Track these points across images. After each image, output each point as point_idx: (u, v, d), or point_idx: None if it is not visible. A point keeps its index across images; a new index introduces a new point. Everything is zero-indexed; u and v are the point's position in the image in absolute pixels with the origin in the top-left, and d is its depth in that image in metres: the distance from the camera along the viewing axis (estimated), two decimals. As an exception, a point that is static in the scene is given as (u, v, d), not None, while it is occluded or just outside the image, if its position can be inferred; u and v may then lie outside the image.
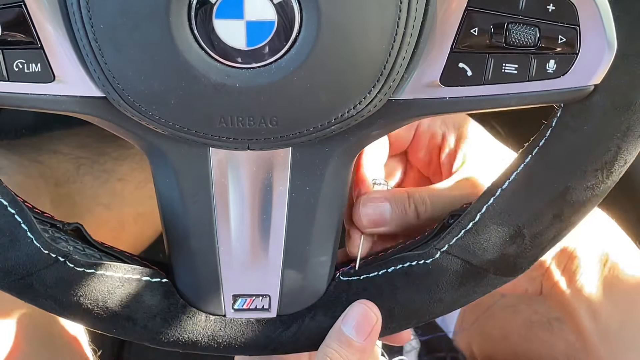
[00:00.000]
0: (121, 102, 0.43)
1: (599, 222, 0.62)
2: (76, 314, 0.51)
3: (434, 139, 0.61)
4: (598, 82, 0.45)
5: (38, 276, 0.49)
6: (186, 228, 0.50)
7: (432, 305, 0.51)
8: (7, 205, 0.48)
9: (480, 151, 0.60)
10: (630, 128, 0.45)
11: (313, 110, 0.43)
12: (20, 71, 0.43)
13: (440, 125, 0.61)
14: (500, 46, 0.43)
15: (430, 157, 0.62)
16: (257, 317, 0.53)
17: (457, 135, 0.60)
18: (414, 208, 0.55)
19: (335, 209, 0.50)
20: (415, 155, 0.63)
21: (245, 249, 0.50)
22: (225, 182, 0.48)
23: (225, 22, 0.40)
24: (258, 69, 0.41)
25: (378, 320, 0.51)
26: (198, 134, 0.44)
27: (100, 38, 0.41)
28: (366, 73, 0.42)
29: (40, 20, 0.42)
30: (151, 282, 0.52)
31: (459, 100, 0.45)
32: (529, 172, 0.48)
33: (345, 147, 0.48)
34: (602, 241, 0.62)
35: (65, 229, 0.52)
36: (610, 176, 0.47)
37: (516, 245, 0.49)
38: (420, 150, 0.62)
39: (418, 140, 0.61)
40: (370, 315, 0.51)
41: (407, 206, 0.55)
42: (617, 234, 0.63)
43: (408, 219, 0.55)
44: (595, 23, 0.43)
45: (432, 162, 0.62)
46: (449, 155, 0.60)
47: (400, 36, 0.42)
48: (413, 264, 0.51)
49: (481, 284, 0.51)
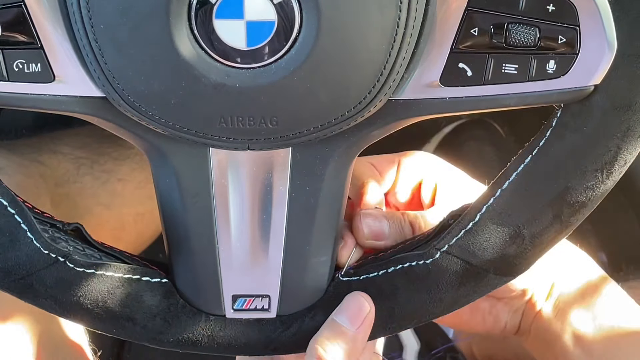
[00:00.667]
0: (121, 102, 0.43)
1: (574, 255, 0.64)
2: (76, 314, 0.51)
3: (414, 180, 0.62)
4: (598, 83, 0.45)
5: (38, 276, 0.49)
6: (186, 228, 0.50)
7: (432, 306, 0.51)
8: (7, 205, 0.48)
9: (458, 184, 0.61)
10: (630, 128, 0.45)
11: (313, 110, 0.43)
12: (20, 71, 0.43)
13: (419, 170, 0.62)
14: (500, 46, 0.43)
15: (412, 196, 0.63)
16: (257, 317, 0.53)
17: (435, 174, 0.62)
18: (409, 225, 0.57)
19: (335, 209, 0.50)
20: (395, 197, 0.63)
21: (245, 249, 0.50)
22: (225, 182, 0.48)
23: (225, 22, 0.40)
24: (258, 69, 0.41)
25: (371, 311, 0.52)
26: (198, 134, 0.44)
27: (100, 38, 0.41)
28: (366, 73, 0.42)
29: (40, 20, 0.42)
30: (151, 282, 0.52)
31: (459, 100, 0.45)
32: (529, 173, 0.48)
33: (346, 147, 0.48)
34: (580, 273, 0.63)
35: (65, 229, 0.52)
36: (610, 176, 0.47)
37: (516, 245, 0.49)
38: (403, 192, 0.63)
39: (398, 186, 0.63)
40: (363, 305, 0.52)
41: (403, 223, 0.57)
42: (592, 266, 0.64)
43: (404, 236, 0.57)
44: (595, 23, 0.43)
45: (414, 199, 0.63)
46: (432, 191, 0.61)
47: (400, 36, 0.42)
48: (413, 264, 0.51)
49: (481, 284, 0.51)
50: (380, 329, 0.53)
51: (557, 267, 0.62)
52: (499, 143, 1.02)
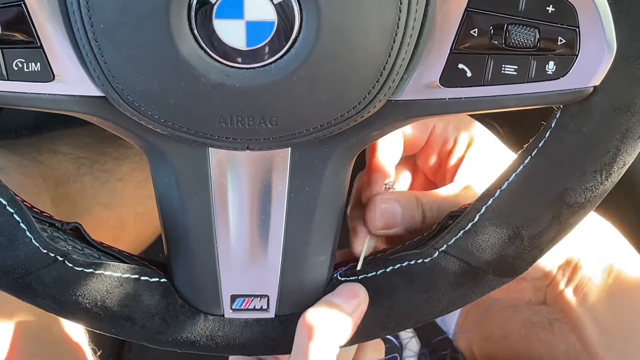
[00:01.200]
0: (121, 102, 0.43)
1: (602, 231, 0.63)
2: (75, 313, 0.51)
3: (446, 144, 0.61)
4: (597, 84, 0.44)
5: (37, 275, 0.49)
6: (185, 228, 0.50)
7: (431, 305, 0.51)
8: (6, 205, 0.48)
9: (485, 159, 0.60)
10: (630, 130, 0.45)
11: (312, 110, 0.43)
12: (19, 70, 0.43)
13: (453, 130, 0.61)
14: (500, 47, 0.43)
15: (440, 162, 0.62)
16: (255, 317, 0.53)
17: (467, 141, 0.61)
18: (421, 212, 0.56)
19: (334, 209, 0.50)
20: (424, 160, 0.63)
21: (244, 249, 0.50)
22: (225, 182, 0.48)
23: (225, 22, 0.40)
24: (258, 69, 0.41)
25: (366, 298, 0.51)
26: (197, 133, 0.44)
27: (100, 38, 0.41)
28: (366, 73, 0.42)
29: (40, 19, 0.42)
30: (150, 282, 0.52)
31: (459, 101, 0.45)
32: (528, 174, 0.48)
33: (345, 148, 0.48)
34: (606, 251, 0.62)
35: (64, 228, 0.52)
36: (609, 178, 0.47)
37: (515, 246, 0.49)
38: (431, 155, 0.62)
39: (430, 144, 0.62)
40: (358, 291, 0.51)
41: (416, 209, 0.56)
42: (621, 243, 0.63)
43: (415, 222, 0.56)
44: (595, 24, 0.43)
45: (441, 167, 0.62)
46: (457, 162, 0.61)
47: (400, 37, 0.42)
48: (412, 263, 0.51)
49: (480, 285, 0.51)
50: (379, 329, 0.53)
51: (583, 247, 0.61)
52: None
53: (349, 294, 0.52)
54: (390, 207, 0.55)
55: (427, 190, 0.63)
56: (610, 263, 0.61)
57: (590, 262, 0.61)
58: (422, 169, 0.64)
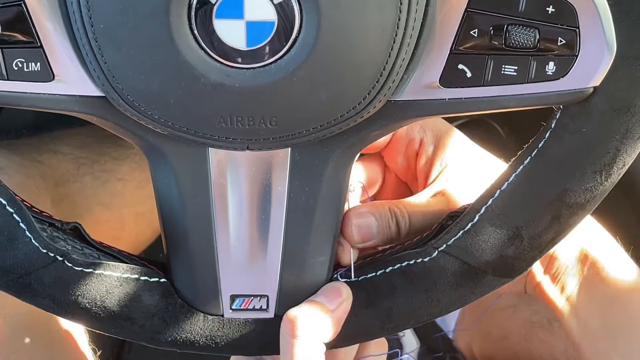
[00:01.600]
0: (120, 102, 0.43)
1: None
2: (74, 313, 0.51)
3: (412, 145, 0.61)
4: (597, 85, 0.44)
5: (36, 275, 0.49)
6: (185, 228, 0.50)
7: (430, 305, 0.51)
8: (6, 204, 0.48)
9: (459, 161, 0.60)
10: (629, 130, 0.45)
11: (312, 110, 0.43)
12: (19, 70, 0.43)
13: (419, 130, 0.61)
14: (500, 47, 0.43)
15: (408, 163, 0.62)
16: (255, 317, 0.53)
17: (435, 142, 0.61)
18: (395, 223, 0.56)
19: (333, 210, 0.50)
20: (392, 159, 0.63)
21: (244, 249, 0.50)
22: (224, 182, 0.48)
23: (225, 22, 0.40)
24: (258, 69, 0.41)
25: (349, 296, 0.52)
26: (197, 133, 0.44)
27: (100, 38, 0.41)
28: (366, 74, 0.42)
29: (40, 19, 0.42)
30: (149, 282, 0.52)
31: (459, 101, 0.45)
32: (528, 174, 0.48)
33: (345, 148, 0.48)
34: (581, 240, 0.62)
35: (63, 228, 0.52)
36: (609, 178, 0.47)
37: (514, 246, 0.49)
38: (397, 155, 0.62)
39: (395, 144, 0.62)
40: (340, 289, 0.52)
41: (390, 221, 0.56)
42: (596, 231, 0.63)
43: (390, 233, 0.56)
44: (595, 25, 0.43)
45: (410, 168, 0.62)
46: (427, 164, 0.60)
47: (400, 37, 0.42)
48: (411, 262, 0.51)
49: (479, 285, 0.51)
50: (379, 329, 0.53)
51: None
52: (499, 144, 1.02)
53: (331, 292, 0.52)
54: (365, 222, 0.55)
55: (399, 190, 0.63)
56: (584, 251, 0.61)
57: (566, 251, 0.61)
58: (392, 169, 0.64)
